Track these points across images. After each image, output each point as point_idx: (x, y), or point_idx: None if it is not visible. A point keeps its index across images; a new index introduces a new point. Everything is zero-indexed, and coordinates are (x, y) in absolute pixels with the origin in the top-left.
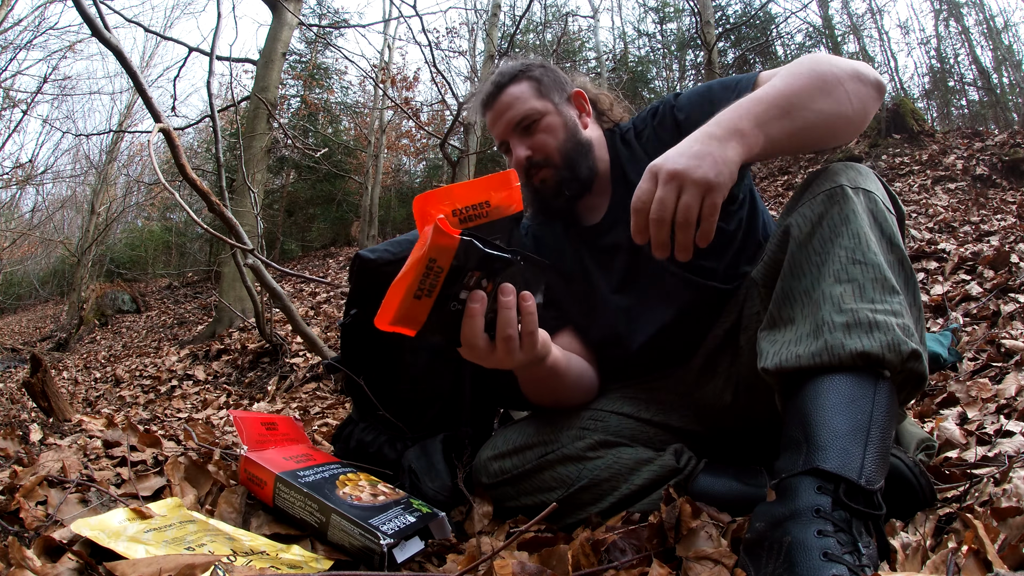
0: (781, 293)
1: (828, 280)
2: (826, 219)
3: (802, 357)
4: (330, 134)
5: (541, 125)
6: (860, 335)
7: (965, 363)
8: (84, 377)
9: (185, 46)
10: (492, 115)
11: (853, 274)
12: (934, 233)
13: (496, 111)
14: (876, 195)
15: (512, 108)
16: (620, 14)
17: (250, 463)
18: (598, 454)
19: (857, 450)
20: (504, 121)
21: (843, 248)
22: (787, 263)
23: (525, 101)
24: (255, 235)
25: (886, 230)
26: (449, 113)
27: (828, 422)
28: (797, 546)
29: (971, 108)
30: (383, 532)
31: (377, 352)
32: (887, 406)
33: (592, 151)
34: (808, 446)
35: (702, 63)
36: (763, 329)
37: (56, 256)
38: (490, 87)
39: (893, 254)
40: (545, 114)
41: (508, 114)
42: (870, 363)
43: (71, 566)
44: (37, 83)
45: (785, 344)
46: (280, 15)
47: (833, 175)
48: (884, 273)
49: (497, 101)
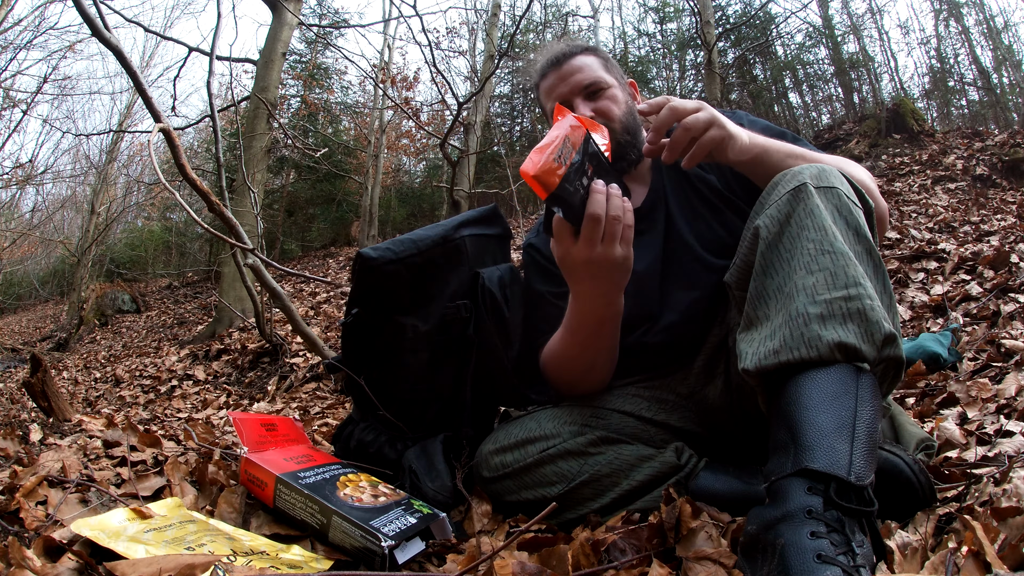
0: (755, 293)
1: (799, 272)
2: (793, 217)
3: (780, 352)
4: (330, 134)
5: (607, 94)
6: (835, 326)
7: (965, 363)
8: (84, 377)
9: (185, 46)
10: (558, 75)
11: (823, 263)
12: (934, 233)
13: (564, 72)
14: (840, 190)
15: (582, 71)
16: (620, 14)
17: (251, 464)
18: (599, 450)
19: (844, 447)
20: (572, 82)
21: (811, 241)
22: (758, 263)
23: (595, 70)
24: (255, 235)
25: (851, 222)
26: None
27: (813, 421)
28: (791, 548)
29: (971, 108)
30: (384, 534)
31: (378, 352)
32: (871, 399)
33: (641, 133)
34: (795, 447)
35: (702, 63)
36: (740, 331)
37: (56, 256)
38: (559, 52)
39: (860, 244)
40: (612, 86)
41: (578, 75)
42: (848, 355)
43: (71, 566)
44: (37, 83)
45: (761, 341)
46: (280, 15)
47: (797, 175)
48: (853, 261)
49: (567, 63)
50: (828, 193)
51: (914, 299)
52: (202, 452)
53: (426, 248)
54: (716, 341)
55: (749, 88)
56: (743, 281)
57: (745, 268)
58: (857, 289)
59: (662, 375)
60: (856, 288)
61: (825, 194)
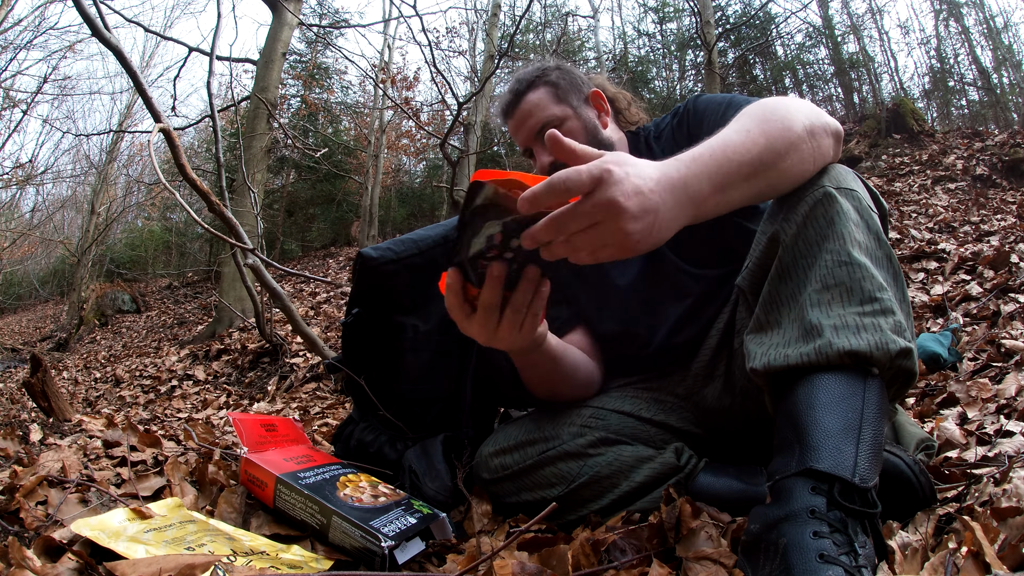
0: (768, 297)
1: (815, 284)
2: (811, 222)
3: (790, 357)
4: (330, 134)
5: (561, 130)
6: (848, 335)
7: (965, 363)
8: (84, 377)
9: (185, 46)
10: (513, 123)
11: (840, 277)
12: (934, 233)
13: (517, 119)
14: (859, 193)
15: (532, 116)
16: (620, 14)
17: (251, 464)
18: (599, 451)
19: (850, 449)
20: (526, 129)
21: (829, 252)
22: (775, 268)
23: (544, 108)
24: (255, 235)
25: (872, 227)
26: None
27: (819, 421)
28: (793, 548)
29: (971, 108)
30: (384, 534)
31: (378, 352)
32: (877, 403)
33: (613, 150)
34: (800, 447)
35: (702, 63)
36: (749, 332)
37: (56, 256)
38: (509, 96)
39: (881, 250)
40: (564, 119)
41: (529, 122)
42: (858, 361)
43: (71, 566)
44: (37, 83)
45: (773, 346)
46: (280, 15)
47: (815, 177)
48: (871, 272)
49: (517, 110)
50: (849, 196)
51: (914, 299)
52: (202, 452)
53: (427, 248)
54: (714, 344)
55: (749, 88)
56: (756, 285)
57: (759, 272)
58: (872, 305)
59: (660, 376)
60: (872, 304)
61: (847, 197)
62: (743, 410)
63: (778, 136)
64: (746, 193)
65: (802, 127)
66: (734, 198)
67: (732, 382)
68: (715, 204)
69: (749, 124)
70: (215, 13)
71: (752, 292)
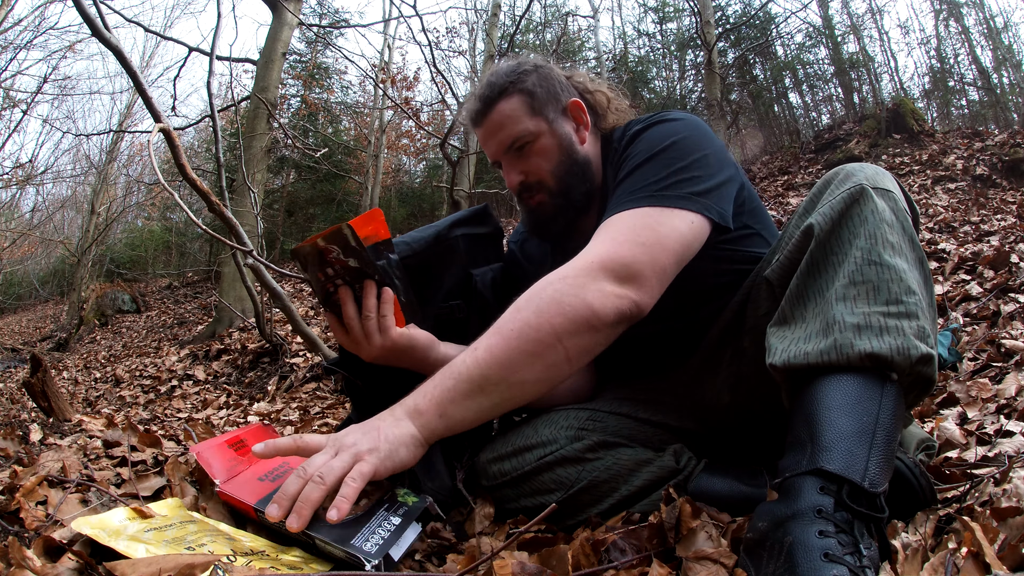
0: (795, 290)
1: (842, 280)
2: (846, 219)
3: (810, 354)
4: (330, 134)
5: (534, 148)
6: (870, 336)
7: (965, 363)
8: (84, 377)
9: (185, 46)
10: (482, 133)
11: (868, 275)
12: (934, 233)
13: (486, 130)
14: (895, 195)
15: (503, 129)
16: (620, 14)
17: (227, 497)
18: (597, 455)
19: (862, 452)
20: (495, 142)
21: (859, 249)
22: (805, 262)
23: (517, 121)
24: (255, 235)
25: (907, 230)
26: (449, 113)
27: (834, 422)
28: (798, 546)
29: (971, 108)
30: (366, 552)
31: None
32: (893, 409)
33: (589, 169)
34: (813, 446)
35: (702, 63)
36: (772, 325)
37: (56, 256)
38: (478, 103)
39: (914, 253)
40: (539, 135)
41: (499, 135)
42: (878, 364)
43: (71, 566)
44: (37, 83)
45: (794, 341)
46: (280, 15)
47: (851, 175)
48: (900, 275)
49: (487, 119)
50: (885, 197)
51: None
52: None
53: (420, 249)
54: (714, 340)
55: (749, 88)
56: (785, 278)
57: (790, 265)
58: (898, 307)
59: (659, 376)
60: (897, 306)
61: (883, 197)
62: (745, 406)
63: (519, 338)
64: (475, 408)
65: (561, 322)
66: (458, 415)
67: (736, 379)
68: (441, 425)
69: (496, 328)
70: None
71: (780, 284)
